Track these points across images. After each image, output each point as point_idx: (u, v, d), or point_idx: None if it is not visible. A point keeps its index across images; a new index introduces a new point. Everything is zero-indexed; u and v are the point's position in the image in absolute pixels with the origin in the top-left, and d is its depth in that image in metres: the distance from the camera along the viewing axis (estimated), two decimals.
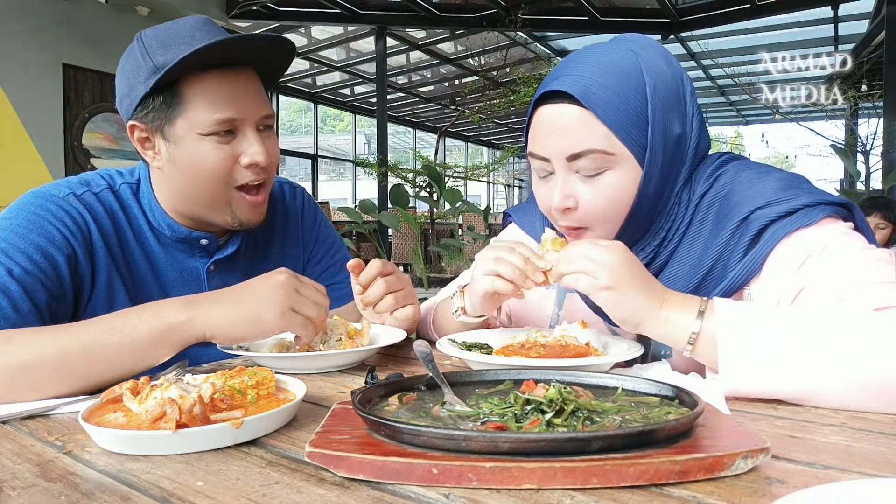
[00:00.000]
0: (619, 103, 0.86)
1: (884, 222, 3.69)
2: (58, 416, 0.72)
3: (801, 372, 0.72)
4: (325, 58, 10.58)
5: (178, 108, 1.01)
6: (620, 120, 0.86)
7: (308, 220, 1.34)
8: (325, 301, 0.92)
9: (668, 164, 0.91)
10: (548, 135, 0.91)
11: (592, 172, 0.89)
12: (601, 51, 0.91)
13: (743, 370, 0.73)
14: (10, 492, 0.50)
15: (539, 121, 0.92)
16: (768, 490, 0.48)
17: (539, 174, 0.96)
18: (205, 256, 1.15)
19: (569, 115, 0.88)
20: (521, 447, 0.50)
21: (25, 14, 5.10)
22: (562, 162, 0.90)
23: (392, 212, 7.75)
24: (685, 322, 0.78)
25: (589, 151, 0.87)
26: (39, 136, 5.17)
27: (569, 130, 0.88)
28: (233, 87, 1.02)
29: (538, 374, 0.71)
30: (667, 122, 0.89)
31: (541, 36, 9.63)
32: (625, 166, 0.88)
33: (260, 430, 0.62)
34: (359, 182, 14.87)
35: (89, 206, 1.05)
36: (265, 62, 1.08)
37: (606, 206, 0.90)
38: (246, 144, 1.04)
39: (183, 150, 1.03)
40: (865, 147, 9.36)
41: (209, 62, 1.00)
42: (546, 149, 0.91)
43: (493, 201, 18.74)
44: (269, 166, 1.08)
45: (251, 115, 1.04)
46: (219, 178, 1.04)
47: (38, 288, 0.95)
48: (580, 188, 0.90)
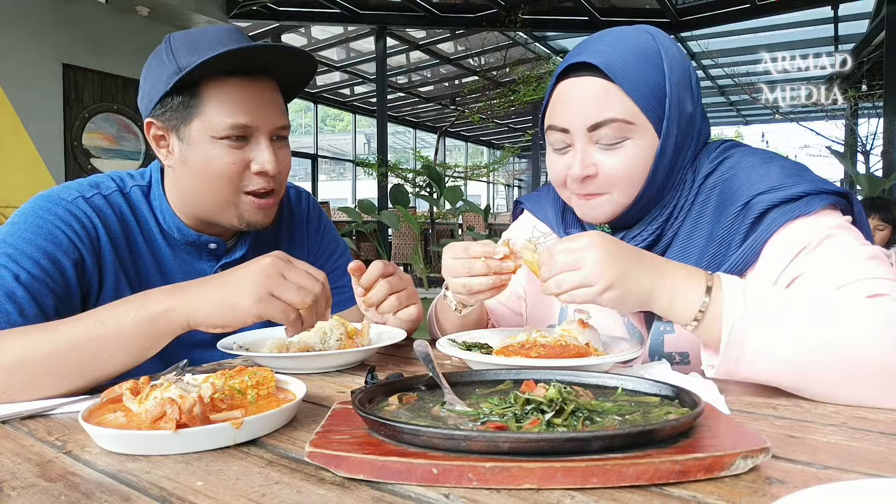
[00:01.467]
0: (639, 76, 0.91)
1: (882, 223, 3.69)
2: (58, 416, 0.72)
3: (800, 357, 0.72)
4: (325, 58, 10.59)
5: (195, 109, 1.02)
6: (641, 91, 0.90)
7: (313, 224, 1.34)
8: (315, 286, 0.84)
9: (681, 139, 0.95)
10: (570, 106, 0.94)
11: (613, 141, 0.92)
12: (621, 32, 0.96)
13: (746, 354, 0.73)
14: (10, 492, 0.50)
15: (561, 93, 0.96)
16: (768, 490, 0.48)
17: (555, 147, 0.99)
18: (213, 260, 1.15)
19: (592, 86, 0.92)
20: (521, 447, 0.50)
21: (25, 14, 5.10)
22: (582, 132, 0.93)
23: (392, 211, 7.76)
24: (692, 298, 0.77)
25: (611, 120, 0.91)
26: (39, 136, 5.17)
27: (591, 101, 0.92)
28: (250, 94, 1.04)
29: (538, 374, 0.71)
30: (681, 98, 0.93)
31: (541, 36, 9.64)
32: (643, 136, 0.92)
33: (260, 430, 0.62)
34: (359, 182, 14.88)
35: (98, 209, 1.05)
36: (286, 74, 1.09)
37: (626, 173, 0.93)
38: (257, 152, 1.05)
39: (195, 152, 1.04)
40: (865, 147, 9.37)
41: (230, 69, 1.02)
42: (567, 120, 0.94)
43: (493, 201, 18.75)
44: (279, 176, 1.09)
45: (265, 124, 1.05)
46: (227, 182, 1.04)
47: (44, 293, 0.95)
48: (600, 157, 0.94)
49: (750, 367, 0.74)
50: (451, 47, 10.53)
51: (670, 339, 0.98)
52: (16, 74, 5.01)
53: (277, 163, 1.06)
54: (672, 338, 0.98)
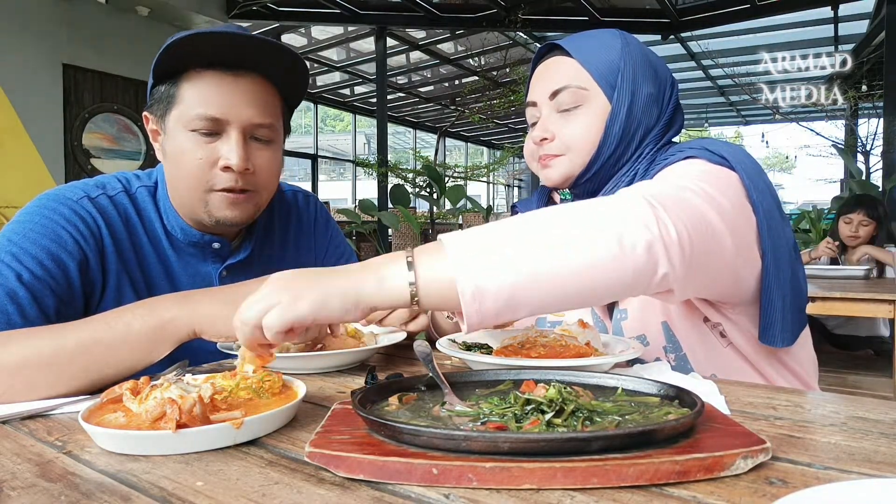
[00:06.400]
0: (595, 53, 1.03)
1: (867, 219, 3.68)
2: (58, 416, 0.72)
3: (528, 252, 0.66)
4: (325, 58, 10.58)
5: (173, 99, 1.02)
6: (596, 62, 1.03)
7: (320, 228, 1.34)
8: None
9: (637, 113, 1.02)
10: (537, 82, 1.09)
11: (569, 106, 1.03)
12: (590, 30, 1.10)
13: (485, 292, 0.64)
14: (10, 492, 0.50)
15: (534, 73, 1.11)
16: (768, 490, 0.48)
17: (530, 122, 1.11)
18: (217, 261, 1.15)
19: (554, 61, 1.07)
20: (521, 447, 0.50)
21: (25, 14, 5.10)
22: (545, 101, 1.06)
23: (392, 212, 7.75)
24: (396, 272, 0.68)
25: (567, 87, 1.03)
26: (39, 136, 5.17)
27: (553, 73, 1.06)
28: (225, 87, 1.00)
29: (538, 374, 0.71)
30: (636, 76, 1.02)
31: (541, 36, 9.62)
32: (596, 104, 1.02)
33: (260, 430, 0.62)
34: (359, 182, 14.87)
35: (103, 209, 1.05)
36: (274, 72, 1.05)
37: (580, 135, 1.03)
38: (226, 148, 1.00)
39: (171, 142, 1.03)
40: (865, 147, 9.36)
41: (212, 59, 0.99)
42: (534, 93, 1.09)
43: (493, 201, 18.74)
44: (251, 176, 1.03)
45: (238, 119, 1.00)
46: (194, 177, 1.02)
47: (46, 294, 0.94)
48: (558, 122, 1.05)
49: (497, 300, 0.65)
50: (451, 47, 10.52)
51: (627, 325, 1.02)
52: (16, 74, 5.01)
53: (247, 160, 1.01)
54: (627, 323, 1.02)
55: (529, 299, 0.67)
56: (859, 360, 3.44)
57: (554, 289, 0.67)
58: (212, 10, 6.33)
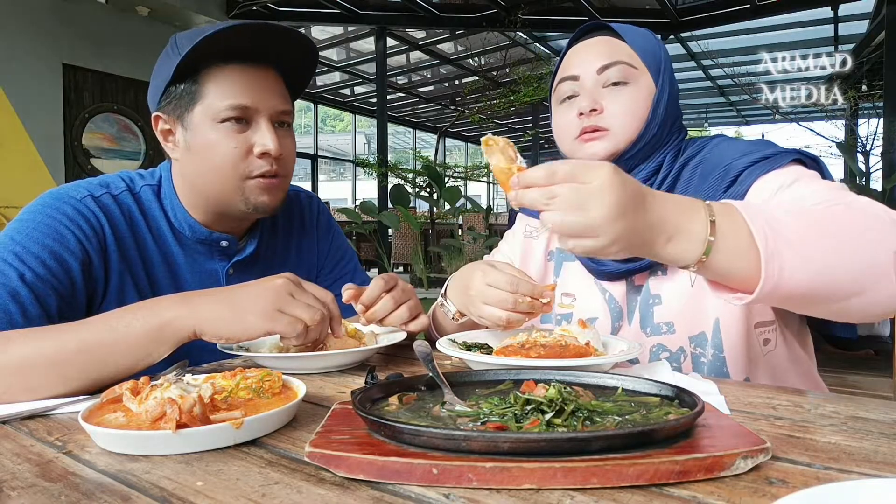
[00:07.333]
0: (642, 39, 1.09)
1: None
2: (58, 416, 0.72)
3: (826, 258, 0.69)
4: (325, 58, 10.58)
5: (196, 95, 1.04)
6: (643, 48, 1.07)
7: (323, 229, 1.35)
8: (321, 307, 0.88)
9: (674, 100, 1.07)
10: (582, 57, 1.09)
11: (618, 80, 1.05)
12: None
13: (785, 269, 0.67)
14: (10, 492, 0.50)
15: (574, 51, 1.11)
16: (768, 490, 0.48)
17: (564, 96, 1.10)
18: (224, 259, 1.15)
19: (602, 40, 1.09)
20: (521, 447, 0.50)
21: (25, 14, 5.10)
22: (591, 75, 1.06)
23: (392, 212, 7.75)
24: (694, 238, 0.69)
25: (618, 62, 1.05)
26: (39, 136, 5.17)
27: (602, 48, 1.08)
28: (249, 77, 1.05)
29: (538, 374, 0.71)
30: (671, 70, 1.08)
31: (541, 36, 9.63)
32: (643, 83, 1.05)
33: (260, 430, 0.62)
34: (359, 182, 14.88)
35: (106, 208, 1.05)
36: (287, 62, 1.10)
37: (627, 111, 1.04)
38: (259, 135, 1.05)
39: (199, 138, 1.04)
40: (865, 147, 9.36)
41: (228, 53, 1.03)
42: (579, 66, 1.08)
43: (493, 201, 18.73)
44: (282, 160, 1.09)
45: (265, 107, 1.05)
46: (231, 167, 1.05)
47: (48, 293, 0.94)
48: (607, 96, 1.06)
49: (792, 279, 0.67)
50: (451, 47, 10.52)
51: (659, 311, 1.03)
52: (16, 74, 5.01)
53: (280, 146, 1.06)
54: (661, 309, 1.03)
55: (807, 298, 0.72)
56: (859, 360, 3.43)
57: (832, 295, 0.71)
58: (212, 10, 6.33)
